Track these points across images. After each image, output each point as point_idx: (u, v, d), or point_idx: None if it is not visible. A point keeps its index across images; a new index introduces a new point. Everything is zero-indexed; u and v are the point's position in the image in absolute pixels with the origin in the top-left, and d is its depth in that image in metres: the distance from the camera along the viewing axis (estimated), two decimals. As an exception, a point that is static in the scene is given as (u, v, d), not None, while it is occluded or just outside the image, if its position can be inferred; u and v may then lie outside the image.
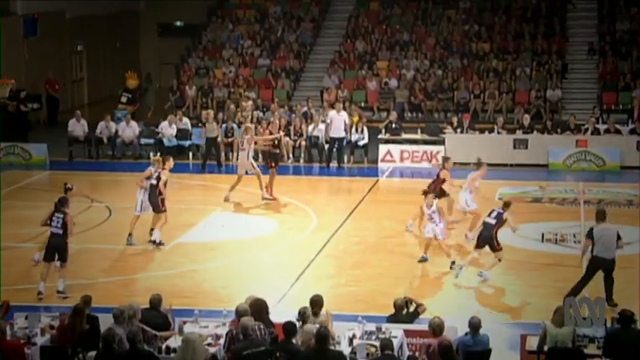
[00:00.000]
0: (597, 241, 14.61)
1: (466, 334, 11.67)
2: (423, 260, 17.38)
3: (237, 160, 24.28)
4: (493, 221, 16.35)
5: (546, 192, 23.01)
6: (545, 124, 27.40)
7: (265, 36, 36.38)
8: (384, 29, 36.03)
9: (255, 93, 32.64)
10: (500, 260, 16.43)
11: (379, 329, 11.87)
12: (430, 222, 17.30)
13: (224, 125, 26.80)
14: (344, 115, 26.95)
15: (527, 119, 27.28)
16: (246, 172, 22.13)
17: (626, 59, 32.91)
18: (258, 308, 11.69)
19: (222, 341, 11.63)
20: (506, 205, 16.60)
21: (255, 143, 22.38)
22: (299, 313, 11.74)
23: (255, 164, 22.18)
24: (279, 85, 33.75)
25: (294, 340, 11.08)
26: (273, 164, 22.33)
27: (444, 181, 19.15)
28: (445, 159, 19.78)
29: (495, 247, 16.37)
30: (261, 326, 11.22)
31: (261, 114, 28.77)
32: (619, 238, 14.71)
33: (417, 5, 36.80)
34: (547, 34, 34.43)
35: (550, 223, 19.73)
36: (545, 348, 11.60)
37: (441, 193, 19.13)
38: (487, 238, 16.36)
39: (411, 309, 12.95)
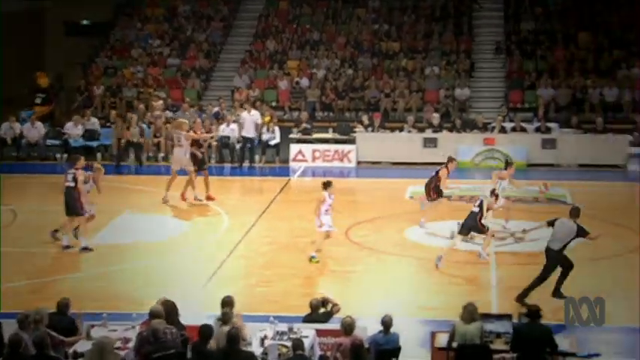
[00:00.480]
0: (554, 231, 14.97)
1: (379, 332, 11.75)
2: (314, 259, 17.35)
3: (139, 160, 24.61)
4: (477, 209, 17.29)
5: (455, 190, 23.21)
6: (454, 123, 27.76)
7: (174, 35, 36.00)
8: (294, 28, 36.05)
9: (165, 93, 32.30)
10: (493, 236, 17.71)
11: (291, 329, 11.85)
12: (326, 214, 17.28)
13: (134, 126, 26.60)
14: (256, 114, 26.89)
15: (436, 118, 27.62)
16: (181, 170, 21.81)
17: (531, 58, 33.58)
18: (168, 310, 11.58)
19: (131, 344, 11.47)
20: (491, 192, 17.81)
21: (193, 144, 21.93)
22: (222, 314, 11.68)
23: (191, 162, 21.77)
24: (189, 84, 33.44)
25: (208, 345, 11.01)
26: (196, 167, 21.95)
27: (440, 179, 19.23)
28: (450, 159, 19.60)
29: (482, 230, 17.37)
30: (173, 329, 11.11)
31: (170, 114, 28.52)
32: (585, 233, 14.86)
33: (327, 4, 36.89)
34: (455, 34, 34.91)
35: (459, 220, 19.93)
36: (455, 344, 11.77)
37: (439, 193, 19.27)
38: (471, 226, 17.33)
39: (328, 308, 12.98)
